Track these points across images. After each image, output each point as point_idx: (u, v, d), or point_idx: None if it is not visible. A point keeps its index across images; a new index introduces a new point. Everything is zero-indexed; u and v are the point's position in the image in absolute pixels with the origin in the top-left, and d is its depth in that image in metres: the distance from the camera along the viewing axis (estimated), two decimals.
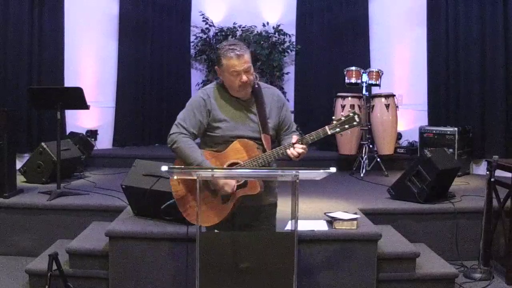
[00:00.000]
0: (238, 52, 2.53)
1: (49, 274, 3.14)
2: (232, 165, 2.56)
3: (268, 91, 2.74)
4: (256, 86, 2.68)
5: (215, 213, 2.55)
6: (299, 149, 2.51)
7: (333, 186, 5.13)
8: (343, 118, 2.54)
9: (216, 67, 2.65)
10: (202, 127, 2.63)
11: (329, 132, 2.52)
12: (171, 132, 2.63)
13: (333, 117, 2.57)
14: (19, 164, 5.22)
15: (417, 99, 6.71)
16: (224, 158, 2.58)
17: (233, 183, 2.52)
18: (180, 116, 2.64)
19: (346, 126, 2.53)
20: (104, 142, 6.91)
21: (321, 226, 3.57)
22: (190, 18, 7.72)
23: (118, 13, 7.02)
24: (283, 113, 2.73)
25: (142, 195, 3.67)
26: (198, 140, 2.70)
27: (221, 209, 2.56)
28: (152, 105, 7.29)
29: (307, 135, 2.55)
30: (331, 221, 3.59)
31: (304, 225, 3.50)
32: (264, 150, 2.59)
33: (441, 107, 6.44)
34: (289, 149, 2.52)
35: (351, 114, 2.54)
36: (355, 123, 2.53)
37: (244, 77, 2.55)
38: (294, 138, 2.55)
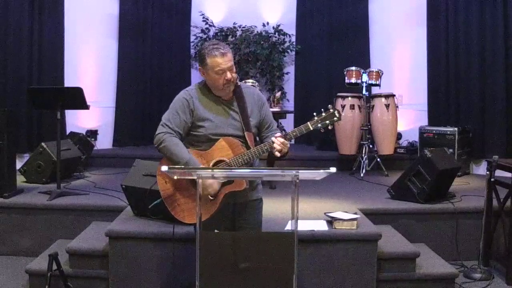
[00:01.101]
0: (222, 51, 2.61)
1: (49, 274, 3.14)
2: (218, 163, 2.62)
3: (248, 90, 2.81)
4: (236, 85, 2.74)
5: (203, 210, 2.56)
6: (280, 141, 2.56)
7: (333, 186, 5.13)
8: (323, 114, 2.64)
9: (199, 67, 2.71)
10: (186, 127, 2.68)
11: (311, 128, 2.62)
12: (157, 132, 2.68)
13: (314, 113, 2.63)
14: (19, 164, 5.22)
15: (417, 99, 6.71)
16: (210, 156, 2.64)
17: (216, 186, 2.58)
18: (165, 116, 2.70)
19: (327, 121, 2.63)
20: (104, 142, 6.91)
21: (321, 226, 3.57)
22: (190, 18, 7.72)
23: (118, 13, 7.02)
24: (263, 112, 2.80)
25: (142, 195, 3.67)
26: None
27: (208, 206, 2.60)
28: (152, 105, 7.29)
29: (290, 131, 2.64)
30: (331, 221, 3.60)
31: (304, 225, 3.50)
32: (248, 148, 2.65)
33: (441, 107, 6.44)
34: (273, 145, 2.58)
35: (331, 110, 2.64)
36: (335, 118, 2.63)
37: (229, 75, 2.62)
38: (278, 134, 2.63)
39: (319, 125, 2.62)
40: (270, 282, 2.35)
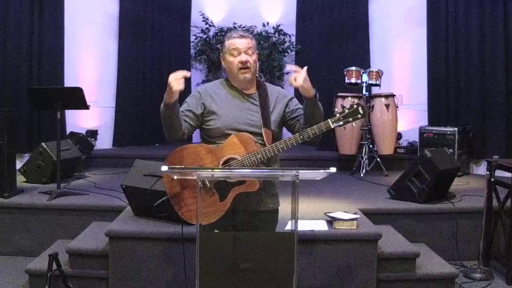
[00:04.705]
0: (241, 34, 2.60)
1: (49, 274, 3.14)
2: (229, 160, 2.49)
3: (273, 88, 2.74)
4: (261, 80, 2.69)
5: (212, 211, 2.51)
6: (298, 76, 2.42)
7: (333, 186, 5.13)
8: (346, 110, 2.43)
9: (221, 54, 2.67)
10: (195, 119, 2.61)
11: (331, 126, 2.42)
12: None
13: (336, 110, 2.54)
14: (19, 164, 5.22)
15: (417, 99, 6.71)
16: (221, 153, 2.52)
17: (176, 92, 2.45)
18: None
19: (350, 119, 2.43)
20: (104, 142, 6.91)
21: (321, 226, 3.57)
22: (190, 18, 7.73)
23: (118, 13, 7.03)
24: (292, 103, 2.70)
25: (142, 195, 3.67)
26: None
27: (218, 207, 2.51)
28: (152, 105, 7.26)
29: (308, 128, 2.48)
30: (331, 221, 3.59)
31: (304, 225, 3.50)
32: (264, 145, 2.52)
33: (441, 107, 6.44)
34: (296, 137, 2.47)
35: (355, 106, 2.44)
36: (359, 115, 2.43)
37: (244, 57, 2.55)
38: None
39: (341, 122, 2.42)
40: (270, 282, 2.35)
